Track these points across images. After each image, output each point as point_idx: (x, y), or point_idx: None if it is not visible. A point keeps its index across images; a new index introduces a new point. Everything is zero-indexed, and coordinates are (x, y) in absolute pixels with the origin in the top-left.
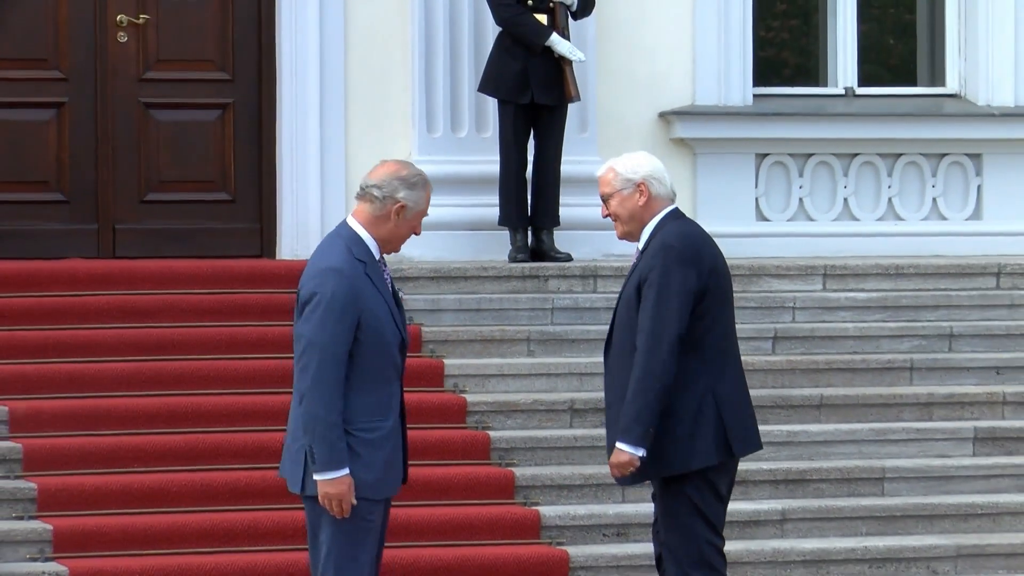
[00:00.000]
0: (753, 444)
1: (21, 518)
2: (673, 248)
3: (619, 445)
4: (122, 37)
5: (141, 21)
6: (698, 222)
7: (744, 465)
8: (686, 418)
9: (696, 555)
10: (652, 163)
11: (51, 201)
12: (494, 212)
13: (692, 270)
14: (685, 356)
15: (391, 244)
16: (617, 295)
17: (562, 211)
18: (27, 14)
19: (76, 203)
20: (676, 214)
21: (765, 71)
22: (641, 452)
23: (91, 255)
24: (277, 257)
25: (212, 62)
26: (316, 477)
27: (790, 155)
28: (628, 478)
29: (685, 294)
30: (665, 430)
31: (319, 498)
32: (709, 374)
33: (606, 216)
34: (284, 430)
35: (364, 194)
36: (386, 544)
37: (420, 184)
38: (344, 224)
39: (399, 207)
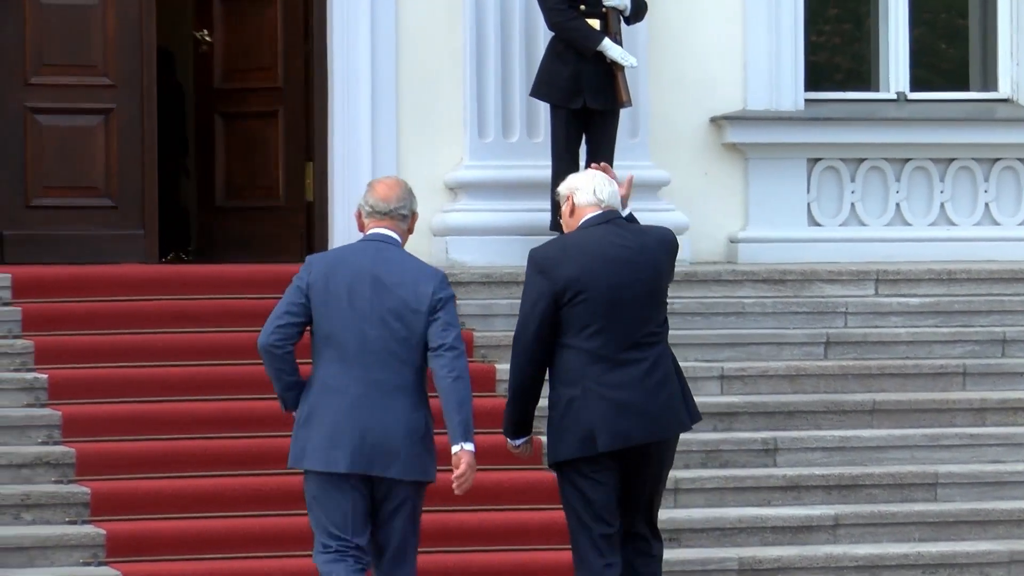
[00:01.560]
0: (622, 440)
1: (74, 522)
2: (533, 257)
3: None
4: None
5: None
6: (750, 226)
7: (796, 470)
8: (557, 413)
9: (573, 539)
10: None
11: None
12: (546, 217)
13: (545, 278)
14: (567, 354)
15: None
16: (668, 300)
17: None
18: None
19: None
20: (586, 223)
21: (817, 76)
22: (517, 441)
23: None
24: None
25: (270, 70)
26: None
27: (842, 160)
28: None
29: (536, 300)
30: (548, 422)
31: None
32: (590, 373)
33: None
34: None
35: (405, 217)
36: (446, 548)
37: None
38: (391, 239)
39: (416, 217)
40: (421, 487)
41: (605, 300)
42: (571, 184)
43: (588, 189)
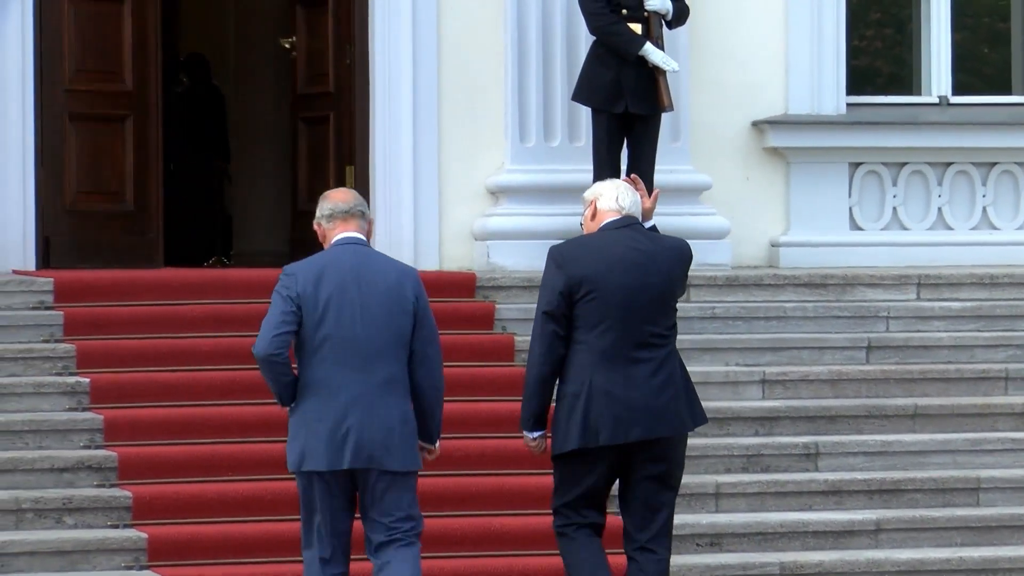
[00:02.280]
0: (623, 435)
1: (116, 526)
2: (552, 252)
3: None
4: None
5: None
6: (791, 231)
7: (838, 475)
8: (564, 406)
9: (554, 518)
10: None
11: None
12: None
13: (561, 272)
14: (577, 350)
15: None
16: (710, 304)
17: (655, 220)
18: None
19: None
20: (605, 227)
21: (859, 80)
22: (534, 434)
23: None
24: None
25: (325, 76)
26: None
27: (884, 164)
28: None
29: (552, 293)
30: (555, 416)
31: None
32: (597, 369)
33: None
34: None
35: (364, 215)
36: (489, 552)
37: None
38: (363, 241)
39: (372, 222)
40: (413, 475)
41: (615, 300)
42: (595, 190)
43: (611, 196)
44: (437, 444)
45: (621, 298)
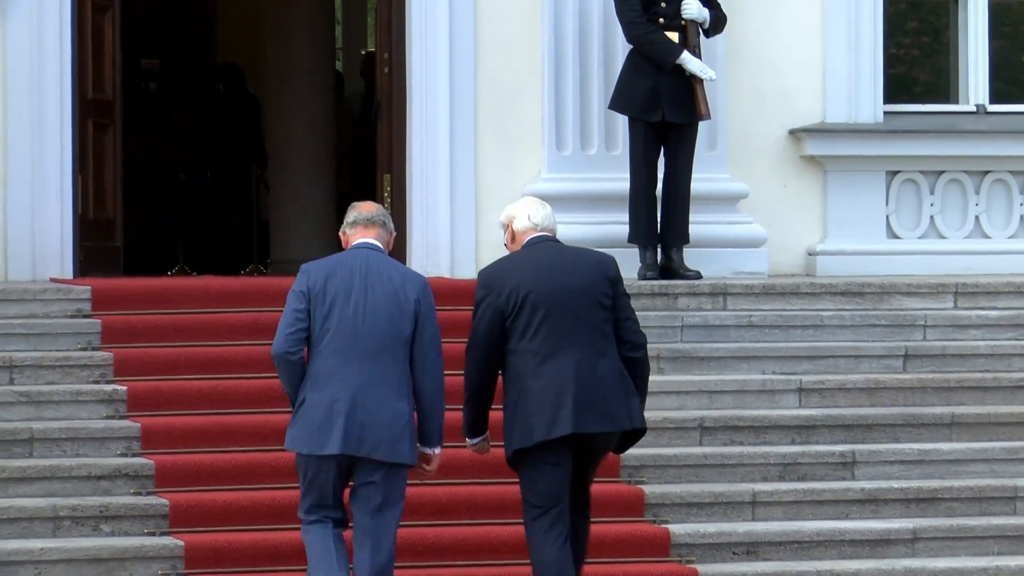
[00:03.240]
0: (564, 427)
1: (153, 534)
2: (480, 275)
3: None
4: None
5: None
6: (828, 239)
7: (874, 484)
8: (508, 411)
9: (524, 513)
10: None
11: None
12: (624, 230)
13: (491, 294)
14: (513, 358)
15: None
16: (747, 312)
17: (692, 229)
18: None
19: None
20: (527, 244)
21: (896, 88)
22: (473, 439)
23: None
24: None
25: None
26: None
27: (921, 172)
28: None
29: (483, 312)
30: (503, 422)
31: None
32: (526, 374)
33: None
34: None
35: (384, 225)
36: (511, 561)
37: None
38: (378, 247)
39: (393, 235)
40: (405, 468)
41: (544, 303)
42: (508, 213)
43: (524, 216)
44: (437, 451)
45: (549, 301)
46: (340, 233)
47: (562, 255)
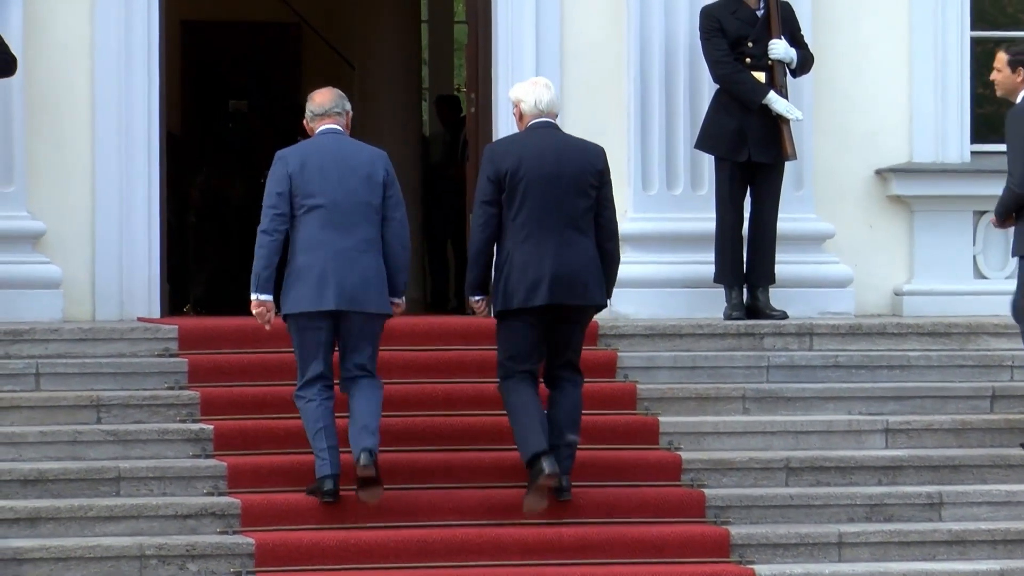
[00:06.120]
0: (531, 300)
1: (239, 573)
2: (487, 149)
3: None
4: None
5: None
6: (915, 279)
7: (962, 525)
8: (496, 277)
9: (499, 367)
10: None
11: None
12: (709, 269)
13: (491, 167)
14: (506, 228)
15: None
16: (833, 353)
17: (778, 268)
18: None
19: None
20: (531, 127)
21: (982, 128)
22: (475, 297)
23: None
24: None
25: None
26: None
27: None
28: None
29: (486, 181)
30: (492, 279)
31: None
32: (513, 246)
33: None
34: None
35: (342, 112)
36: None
37: None
38: (341, 131)
39: (350, 115)
40: (383, 318)
41: (536, 183)
42: (516, 93)
43: (531, 101)
44: (403, 298)
45: (541, 183)
46: (304, 123)
47: (557, 142)
